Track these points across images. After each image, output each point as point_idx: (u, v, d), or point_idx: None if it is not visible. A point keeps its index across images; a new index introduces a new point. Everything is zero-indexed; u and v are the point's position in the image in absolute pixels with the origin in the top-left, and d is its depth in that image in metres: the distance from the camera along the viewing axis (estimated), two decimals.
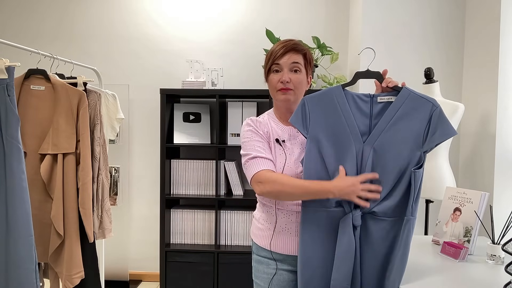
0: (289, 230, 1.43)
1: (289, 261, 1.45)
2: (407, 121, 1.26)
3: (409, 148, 1.25)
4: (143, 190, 3.26)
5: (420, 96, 1.28)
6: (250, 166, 1.38)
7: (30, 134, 1.97)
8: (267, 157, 1.38)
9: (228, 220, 2.88)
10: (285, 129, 1.48)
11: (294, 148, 1.44)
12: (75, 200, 2.03)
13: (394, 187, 1.26)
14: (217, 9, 3.17)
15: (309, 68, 1.48)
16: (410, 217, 1.25)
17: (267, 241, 1.46)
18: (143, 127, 3.25)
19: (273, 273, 1.45)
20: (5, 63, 1.60)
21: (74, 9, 3.26)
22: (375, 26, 2.63)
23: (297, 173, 1.40)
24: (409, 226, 1.25)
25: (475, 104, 2.39)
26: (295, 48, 1.43)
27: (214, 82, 2.86)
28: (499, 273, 1.38)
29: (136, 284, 3.21)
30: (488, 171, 2.23)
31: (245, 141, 1.45)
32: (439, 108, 1.25)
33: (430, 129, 1.24)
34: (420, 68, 2.38)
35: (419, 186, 1.25)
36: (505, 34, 2.16)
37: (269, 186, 1.32)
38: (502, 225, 1.51)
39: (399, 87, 1.31)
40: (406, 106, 1.27)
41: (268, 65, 1.46)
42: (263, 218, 1.50)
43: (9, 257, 1.61)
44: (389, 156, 1.26)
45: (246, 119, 1.51)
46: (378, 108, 1.31)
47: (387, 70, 1.36)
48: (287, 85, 1.42)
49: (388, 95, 1.31)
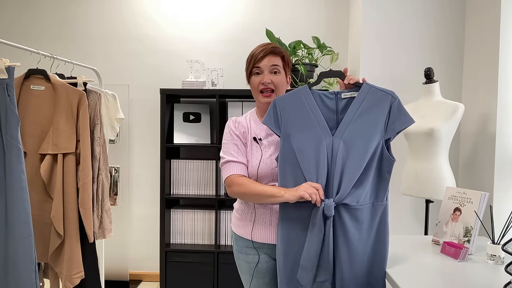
0: (264, 220, 1.55)
1: (266, 249, 1.56)
2: (370, 112, 1.37)
3: (374, 137, 1.35)
4: (143, 190, 3.26)
5: (380, 89, 1.39)
6: (224, 170, 1.55)
7: (30, 134, 1.97)
8: (239, 161, 1.53)
9: (228, 220, 2.88)
10: (263, 127, 1.58)
11: (270, 145, 1.55)
12: (75, 200, 2.03)
13: (363, 175, 1.34)
14: (217, 9, 3.17)
15: (288, 69, 1.61)
16: (384, 201, 1.38)
17: (247, 231, 1.58)
18: (143, 127, 3.25)
19: (254, 262, 1.57)
20: (5, 63, 1.60)
21: (75, 10, 3.26)
22: (375, 26, 2.63)
23: (272, 168, 1.51)
24: (385, 211, 1.38)
25: (475, 104, 2.39)
26: (273, 51, 1.54)
27: (214, 82, 2.86)
28: (499, 273, 1.38)
29: (136, 284, 3.21)
30: (488, 171, 2.23)
31: (224, 142, 1.60)
32: (397, 100, 1.37)
33: (390, 118, 1.36)
34: (420, 68, 2.38)
35: (389, 174, 1.37)
36: (505, 34, 2.16)
37: (235, 188, 1.49)
38: (502, 225, 1.51)
39: (360, 83, 1.42)
40: (368, 100, 1.38)
41: (249, 68, 1.58)
42: (241, 209, 1.62)
43: (9, 257, 1.61)
44: (357, 146, 1.35)
45: (229, 119, 1.63)
46: (343, 104, 1.42)
47: (347, 68, 1.51)
48: (268, 85, 1.54)
49: (350, 91, 1.42)
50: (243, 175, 1.52)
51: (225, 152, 1.57)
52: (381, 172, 1.36)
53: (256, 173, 1.52)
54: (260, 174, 1.52)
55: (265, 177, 1.52)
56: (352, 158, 1.34)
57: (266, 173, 1.51)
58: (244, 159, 1.55)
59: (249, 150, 1.56)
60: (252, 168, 1.53)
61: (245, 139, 1.58)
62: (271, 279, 1.57)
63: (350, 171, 1.33)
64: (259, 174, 1.52)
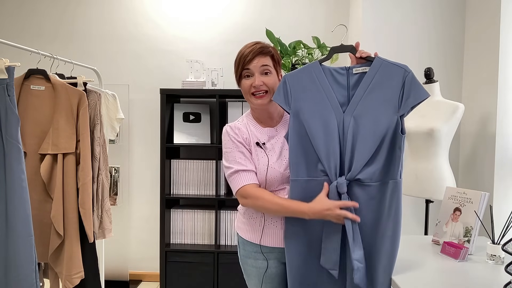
0: (276, 224, 1.49)
1: (275, 253, 1.50)
2: (382, 88, 1.32)
3: (387, 114, 1.31)
4: (143, 190, 3.26)
5: (393, 64, 1.34)
6: (234, 180, 1.46)
7: (30, 134, 1.97)
8: (248, 169, 1.45)
9: (228, 220, 2.88)
10: (263, 131, 1.52)
11: (274, 148, 1.49)
12: (75, 200, 2.03)
13: (376, 152, 1.31)
14: (217, 9, 3.17)
15: (278, 67, 1.54)
16: (398, 180, 1.32)
17: (256, 236, 1.51)
18: (143, 127, 3.25)
19: (263, 267, 1.51)
20: (5, 63, 1.59)
21: (74, 9, 3.25)
22: (375, 26, 2.63)
23: (281, 172, 1.45)
24: (398, 188, 1.32)
25: (475, 104, 2.39)
26: (262, 51, 1.47)
27: (214, 82, 2.86)
28: (499, 273, 1.38)
29: (136, 284, 3.21)
30: (488, 171, 2.23)
31: (227, 151, 1.50)
32: (411, 73, 1.32)
33: (404, 93, 1.30)
34: (420, 68, 2.38)
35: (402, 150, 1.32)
36: (505, 34, 2.16)
37: (252, 201, 1.42)
38: (502, 225, 1.51)
39: (372, 57, 1.37)
40: (380, 74, 1.33)
41: (238, 71, 1.51)
42: (248, 213, 1.54)
43: (9, 257, 1.61)
44: (369, 123, 1.32)
45: (225, 126, 1.55)
46: (354, 79, 1.38)
47: (359, 43, 1.43)
48: (260, 88, 1.46)
49: (362, 66, 1.37)
50: (257, 185, 1.44)
51: (230, 161, 1.47)
52: (394, 149, 1.31)
53: (265, 179, 1.45)
54: (270, 180, 1.46)
55: (274, 182, 1.46)
56: (363, 135, 1.31)
57: (276, 177, 1.45)
58: (253, 166, 1.47)
59: (254, 157, 1.48)
60: (260, 175, 1.46)
61: (248, 145, 1.50)
62: (280, 283, 1.54)
63: (361, 149, 1.31)
64: (268, 180, 1.46)
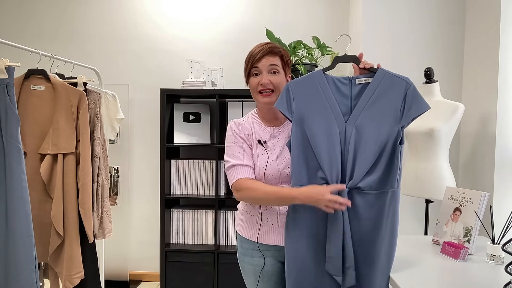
0: (272, 221, 1.52)
1: (272, 251, 1.53)
2: (384, 99, 1.35)
3: (388, 124, 1.34)
4: (143, 190, 3.26)
5: (395, 76, 1.37)
6: (230, 174, 1.50)
7: (30, 134, 1.97)
8: (245, 164, 1.49)
9: (228, 220, 2.88)
10: (266, 129, 1.56)
11: (276, 147, 1.52)
12: (75, 200, 2.03)
13: (376, 162, 1.34)
14: (217, 9, 3.17)
15: (287, 68, 1.56)
16: (396, 189, 1.36)
17: (253, 233, 1.54)
18: (143, 127, 3.25)
19: (259, 265, 1.54)
20: (5, 63, 1.59)
21: (74, 9, 3.25)
22: (375, 26, 2.63)
23: (279, 170, 1.49)
24: (395, 197, 1.37)
25: (475, 104, 2.39)
26: (272, 51, 1.50)
27: (214, 82, 2.86)
28: (499, 273, 1.38)
29: (136, 284, 3.21)
30: (488, 171, 2.23)
31: (228, 145, 1.54)
32: (412, 86, 1.35)
33: (406, 105, 1.33)
34: (420, 68, 2.38)
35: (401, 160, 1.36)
36: (505, 34, 2.16)
37: (245, 193, 1.46)
38: (502, 225, 1.51)
39: (375, 68, 1.40)
40: (382, 86, 1.36)
41: (247, 69, 1.54)
42: (247, 211, 1.58)
43: (9, 257, 1.61)
44: (370, 133, 1.34)
45: (230, 121, 1.59)
46: (357, 90, 1.40)
47: (362, 54, 1.45)
48: (267, 86, 1.49)
49: (365, 76, 1.40)
50: (251, 178, 1.48)
51: (230, 155, 1.52)
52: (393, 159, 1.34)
53: (263, 175, 1.49)
54: (268, 177, 1.49)
55: (272, 179, 1.50)
56: (365, 145, 1.33)
57: (274, 175, 1.49)
58: (251, 161, 1.51)
59: (254, 153, 1.52)
60: (259, 171, 1.50)
61: (250, 141, 1.54)
62: (277, 282, 1.55)
63: (362, 158, 1.33)
64: (266, 177, 1.49)
